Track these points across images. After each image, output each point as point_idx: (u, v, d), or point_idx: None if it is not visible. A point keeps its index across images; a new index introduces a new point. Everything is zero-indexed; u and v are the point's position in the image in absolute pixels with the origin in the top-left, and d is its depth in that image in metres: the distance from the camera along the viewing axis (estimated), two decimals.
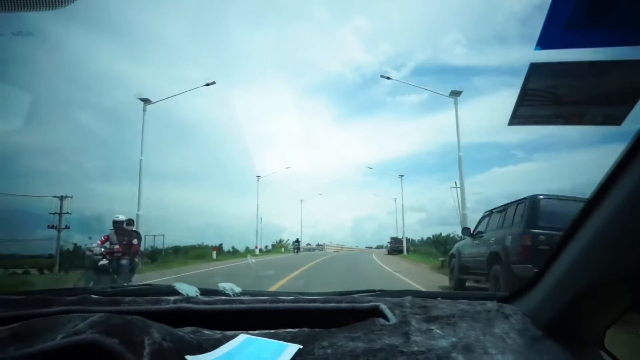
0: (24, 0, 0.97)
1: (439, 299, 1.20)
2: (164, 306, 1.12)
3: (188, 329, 0.97)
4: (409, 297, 1.18)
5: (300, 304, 1.15)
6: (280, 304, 1.16)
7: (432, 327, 1.01)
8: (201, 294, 1.28)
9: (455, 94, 17.47)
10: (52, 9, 1.06)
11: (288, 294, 1.33)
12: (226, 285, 1.30)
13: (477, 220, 9.50)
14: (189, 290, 1.27)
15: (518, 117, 0.70)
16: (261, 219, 33.00)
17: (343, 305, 1.14)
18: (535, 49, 0.59)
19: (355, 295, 1.26)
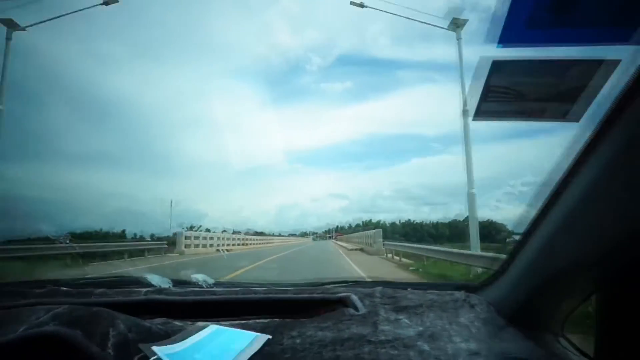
0: None
1: (409, 289, 1.23)
2: (134, 297, 1.12)
3: (158, 320, 0.97)
4: (379, 288, 1.20)
5: (272, 295, 1.16)
6: (253, 295, 1.17)
7: (401, 317, 1.04)
8: (173, 285, 1.27)
9: (457, 24, 11.38)
10: None
11: (261, 284, 1.34)
12: (199, 277, 1.30)
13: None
14: (161, 281, 1.26)
15: (482, 113, 0.71)
16: (171, 201, 29.28)
17: (314, 295, 1.16)
18: (497, 46, 0.60)
19: (328, 286, 1.27)
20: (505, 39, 0.59)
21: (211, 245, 20.56)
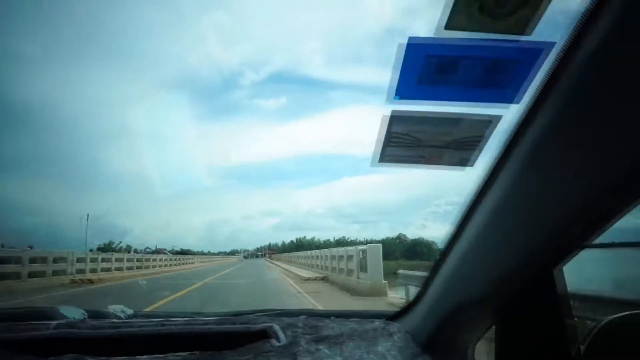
0: None
1: (332, 318, 1.25)
2: (43, 332, 1.04)
3: (69, 356, 0.90)
4: (303, 317, 1.21)
5: (192, 327, 1.13)
6: (173, 327, 1.13)
7: (321, 347, 1.06)
8: (88, 317, 1.21)
9: None
10: None
11: (183, 314, 1.30)
12: (117, 308, 1.24)
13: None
14: (75, 313, 1.19)
15: (386, 156, 0.76)
16: (87, 216, 26.27)
17: (236, 327, 1.14)
18: (395, 98, 0.65)
19: (251, 316, 1.26)
20: (401, 94, 0.64)
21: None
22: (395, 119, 0.69)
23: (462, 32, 0.56)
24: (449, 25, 0.55)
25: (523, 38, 0.57)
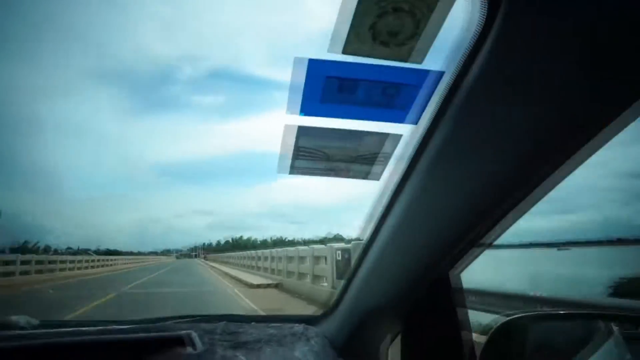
0: None
1: (252, 323, 1.25)
2: None
3: None
4: (222, 323, 1.20)
5: (105, 336, 1.08)
6: (85, 337, 1.07)
7: (238, 354, 1.05)
8: None
9: None
10: None
11: (96, 323, 1.24)
12: (20, 318, 1.15)
13: None
14: None
15: (296, 169, 0.77)
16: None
17: (151, 335, 1.10)
18: (300, 114, 0.67)
19: (168, 323, 1.23)
20: (305, 110, 0.66)
21: None
22: (303, 133, 0.70)
23: (359, 56, 0.59)
24: (345, 50, 0.57)
25: (415, 66, 0.61)
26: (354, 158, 0.76)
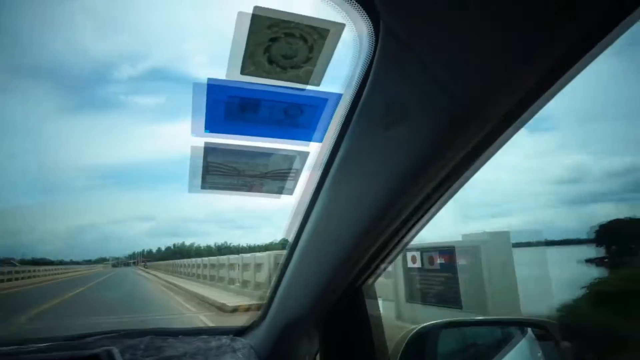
0: None
1: (180, 336, 1.22)
2: None
3: None
4: (147, 338, 1.15)
5: (21, 356, 1.01)
6: None
7: None
8: None
9: None
10: None
11: (10, 342, 1.14)
12: None
13: None
14: None
15: (208, 184, 0.77)
16: None
17: (65, 354, 1.04)
18: (205, 131, 0.67)
19: (90, 339, 1.16)
20: (210, 127, 0.66)
21: None
22: (211, 150, 0.71)
23: (258, 77, 0.60)
24: (243, 72, 0.59)
25: (314, 88, 0.63)
26: (265, 174, 0.78)
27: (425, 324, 0.98)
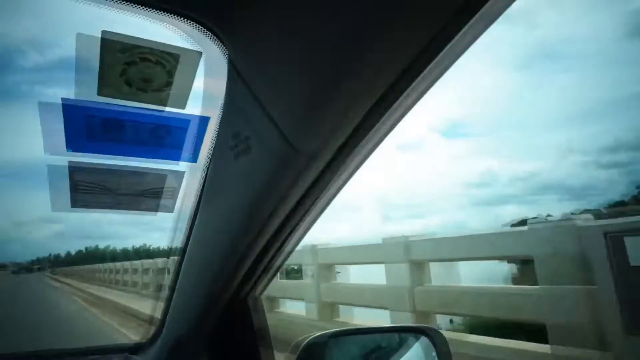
0: None
1: (67, 358, 1.14)
2: None
3: None
4: None
5: None
6: None
7: None
8: None
9: None
10: None
11: None
12: None
13: None
14: None
15: (78, 202, 0.75)
16: None
17: None
18: (68, 150, 0.65)
19: None
20: (73, 147, 0.64)
21: None
22: (74, 169, 0.68)
23: (117, 99, 0.60)
24: (100, 92, 0.58)
25: (179, 110, 0.64)
26: (140, 192, 0.77)
27: (311, 335, 1.01)
